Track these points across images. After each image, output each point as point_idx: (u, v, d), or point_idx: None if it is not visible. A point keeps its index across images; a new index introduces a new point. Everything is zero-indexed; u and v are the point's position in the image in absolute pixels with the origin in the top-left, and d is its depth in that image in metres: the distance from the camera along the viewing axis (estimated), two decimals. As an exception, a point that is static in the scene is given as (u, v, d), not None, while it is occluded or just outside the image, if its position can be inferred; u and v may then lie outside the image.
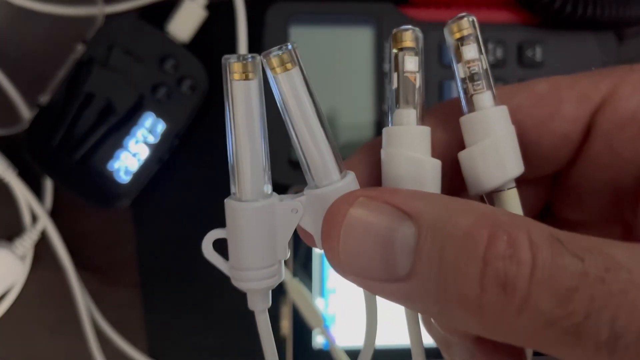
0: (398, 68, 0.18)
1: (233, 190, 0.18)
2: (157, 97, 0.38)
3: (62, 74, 0.39)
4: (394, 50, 0.18)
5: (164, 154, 0.39)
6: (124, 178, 0.39)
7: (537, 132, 0.20)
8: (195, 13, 0.40)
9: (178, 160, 0.41)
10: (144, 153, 0.39)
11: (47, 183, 0.41)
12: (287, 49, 0.17)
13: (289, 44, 0.17)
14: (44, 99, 0.39)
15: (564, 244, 0.14)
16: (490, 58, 0.39)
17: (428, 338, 0.21)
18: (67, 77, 0.38)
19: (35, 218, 0.41)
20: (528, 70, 0.39)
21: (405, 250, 0.15)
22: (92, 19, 0.40)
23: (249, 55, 0.17)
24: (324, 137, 0.17)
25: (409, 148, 0.18)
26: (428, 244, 0.15)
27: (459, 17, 0.18)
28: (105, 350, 0.41)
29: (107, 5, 0.40)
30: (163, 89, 0.38)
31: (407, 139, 0.18)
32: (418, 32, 0.18)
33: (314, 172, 0.18)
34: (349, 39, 0.39)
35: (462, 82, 0.19)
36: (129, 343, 0.41)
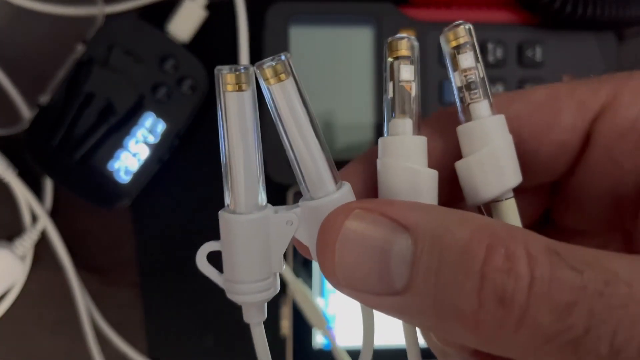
0: (393, 77, 0.18)
1: (227, 202, 0.17)
2: (157, 97, 0.38)
3: (62, 74, 0.39)
4: (390, 59, 0.18)
5: (164, 154, 0.39)
6: (124, 178, 0.39)
7: (535, 141, 0.19)
8: (195, 13, 0.40)
9: (178, 160, 0.41)
10: (144, 153, 0.39)
11: (47, 183, 0.41)
12: (280, 60, 0.16)
13: (282, 55, 0.16)
14: (44, 99, 0.39)
15: (563, 257, 0.14)
16: (490, 58, 0.39)
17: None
18: (67, 77, 0.38)
19: (35, 218, 0.41)
20: (528, 70, 0.39)
21: (402, 263, 0.15)
22: (92, 19, 0.40)
23: (242, 66, 0.16)
24: (319, 148, 0.17)
25: (405, 158, 0.18)
26: (425, 257, 0.15)
27: (455, 24, 0.18)
28: (105, 351, 0.41)
29: (107, 5, 0.40)
30: (163, 89, 0.38)
31: (403, 149, 0.18)
32: (413, 40, 0.18)
33: (309, 183, 0.17)
34: (349, 39, 0.39)
35: (458, 91, 0.18)
36: (129, 343, 0.41)
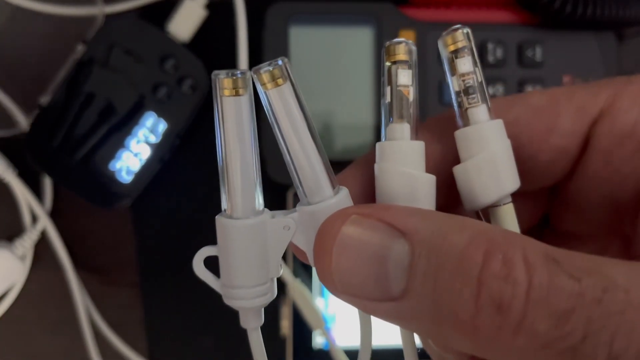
0: (391, 81, 0.18)
1: (224, 207, 0.17)
2: (157, 96, 0.38)
3: (62, 74, 0.39)
4: (387, 64, 0.18)
5: (165, 154, 0.39)
6: (126, 178, 0.39)
7: (533, 145, 0.19)
8: (196, 13, 0.40)
9: (178, 160, 0.41)
10: (146, 153, 0.39)
11: (47, 183, 0.41)
12: (277, 65, 0.16)
13: (279, 60, 0.16)
14: (45, 100, 0.38)
15: (560, 264, 0.14)
16: (490, 58, 0.39)
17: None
18: (67, 77, 0.38)
19: (35, 218, 0.41)
20: (528, 70, 0.39)
21: (399, 269, 0.15)
22: (92, 19, 0.40)
23: (239, 71, 0.16)
24: (317, 153, 0.17)
25: (403, 163, 0.18)
26: (422, 263, 0.15)
27: (453, 29, 0.18)
28: (104, 351, 0.41)
29: (107, 5, 0.40)
30: (164, 89, 0.38)
31: (400, 154, 0.18)
32: (411, 45, 0.18)
33: (306, 188, 0.17)
34: (349, 39, 0.39)
35: (456, 95, 0.18)
36: (128, 344, 0.41)
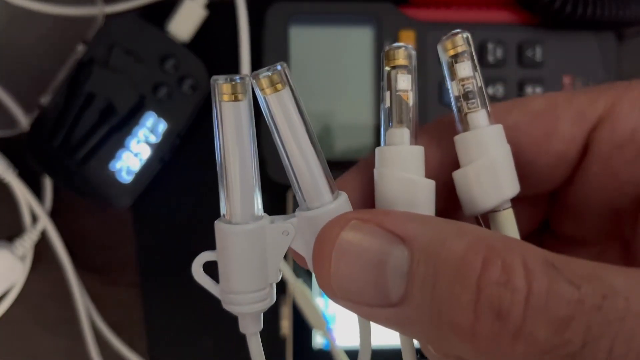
0: (390, 86, 0.18)
1: (223, 212, 0.17)
2: (158, 96, 0.38)
3: (62, 75, 0.39)
4: (387, 68, 0.18)
5: (166, 154, 0.39)
6: (126, 178, 0.38)
7: (533, 150, 0.19)
8: (196, 12, 0.40)
9: (178, 161, 0.41)
10: (146, 153, 0.38)
11: (47, 183, 0.41)
12: (276, 70, 0.16)
13: (278, 65, 0.16)
14: (45, 100, 0.38)
15: (560, 270, 0.14)
16: (490, 58, 0.39)
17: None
18: (67, 77, 0.38)
19: (35, 218, 0.41)
20: (528, 70, 0.39)
21: (398, 275, 0.15)
22: (92, 19, 0.40)
23: (238, 76, 0.16)
24: (316, 158, 0.17)
25: (402, 168, 0.18)
26: (421, 269, 0.15)
27: (453, 33, 0.18)
28: (104, 351, 0.41)
29: (107, 5, 0.40)
30: (164, 89, 0.38)
31: (400, 159, 0.18)
32: (411, 49, 0.18)
33: (306, 193, 0.17)
34: (349, 39, 0.39)
35: (456, 100, 0.18)
36: (128, 344, 0.41)
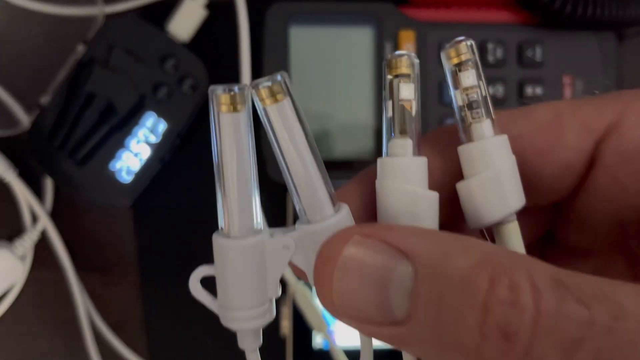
0: (393, 95, 0.17)
1: (221, 224, 0.17)
2: (158, 96, 0.38)
3: (62, 75, 0.39)
4: (389, 77, 0.17)
5: (166, 154, 0.39)
6: (126, 178, 0.38)
7: (538, 162, 0.19)
8: (196, 12, 0.40)
9: (179, 160, 0.41)
10: (146, 153, 0.38)
11: (47, 183, 0.41)
12: (276, 80, 0.16)
13: (279, 75, 0.16)
14: (45, 100, 0.38)
15: (569, 288, 0.13)
16: (490, 58, 0.39)
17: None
18: (67, 77, 0.38)
19: (35, 218, 0.41)
20: (528, 70, 0.39)
21: (402, 292, 0.15)
22: (92, 19, 0.40)
23: (236, 86, 0.16)
24: (317, 170, 0.16)
25: (405, 180, 0.17)
26: (426, 287, 0.14)
27: (457, 41, 0.18)
28: (104, 351, 0.41)
29: (107, 5, 0.40)
30: (164, 89, 0.38)
31: (403, 171, 0.17)
32: (414, 57, 0.17)
33: (306, 206, 0.17)
34: (349, 39, 0.39)
35: (459, 109, 0.18)
36: (128, 344, 0.41)
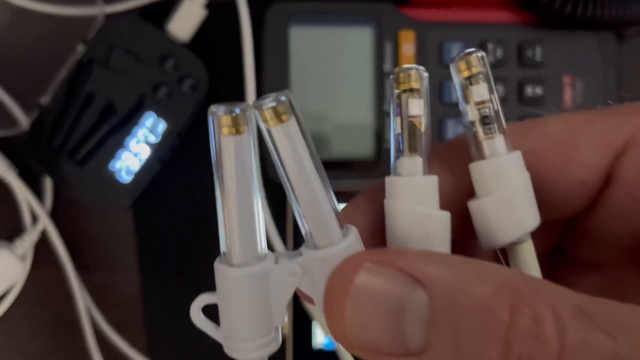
0: (401, 111, 0.16)
1: (223, 249, 0.16)
2: (158, 96, 0.38)
3: (62, 75, 0.39)
4: (397, 91, 0.17)
5: (166, 154, 0.39)
6: (126, 178, 0.38)
7: (552, 179, 0.18)
8: (196, 12, 0.40)
9: (179, 160, 0.41)
10: (146, 153, 0.38)
11: (47, 183, 0.41)
12: (281, 101, 0.15)
13: (283, 95, 0.15)
14: (45, 100, 0.38)
15: (593, 319, 0.13)
16: (490, 58, 0.39)
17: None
18: (67, 77, 0.38)
19: (35, 218, 0.41)
20: (528, 70, 0.39)
21: (418, 322, 0.14)
22: (92, 19, 0.40)
23: (238, 107, 0.15)
24: (324, 193, 0.15)
25: (415, 201, 0.16)
26: (443, 317, 0.14)
27: (467, 52, 0.17)
28: (104, 351, 0.41)
29: (107, 5, 0.40)
30: (164, 89, 0.38)
31: (413, 192, 0.16)
32: (422, 71, 0.17)
33: (313, 230, 0.16)
34: (349, 39, 0.39)
35: (471, 125, 0.17)
36: (128, 343, 0.41)
